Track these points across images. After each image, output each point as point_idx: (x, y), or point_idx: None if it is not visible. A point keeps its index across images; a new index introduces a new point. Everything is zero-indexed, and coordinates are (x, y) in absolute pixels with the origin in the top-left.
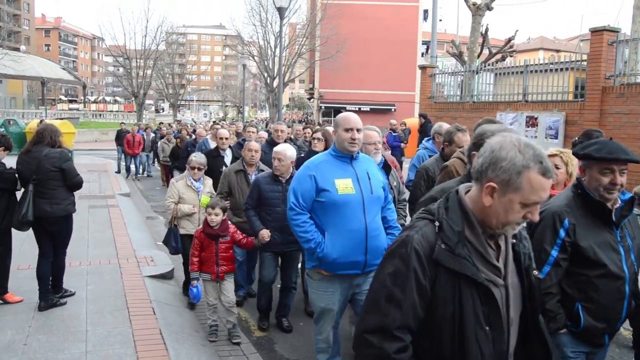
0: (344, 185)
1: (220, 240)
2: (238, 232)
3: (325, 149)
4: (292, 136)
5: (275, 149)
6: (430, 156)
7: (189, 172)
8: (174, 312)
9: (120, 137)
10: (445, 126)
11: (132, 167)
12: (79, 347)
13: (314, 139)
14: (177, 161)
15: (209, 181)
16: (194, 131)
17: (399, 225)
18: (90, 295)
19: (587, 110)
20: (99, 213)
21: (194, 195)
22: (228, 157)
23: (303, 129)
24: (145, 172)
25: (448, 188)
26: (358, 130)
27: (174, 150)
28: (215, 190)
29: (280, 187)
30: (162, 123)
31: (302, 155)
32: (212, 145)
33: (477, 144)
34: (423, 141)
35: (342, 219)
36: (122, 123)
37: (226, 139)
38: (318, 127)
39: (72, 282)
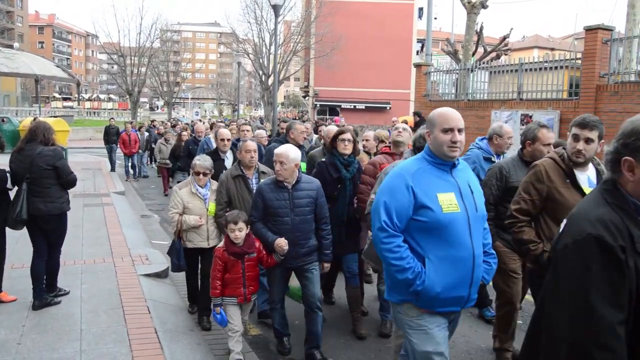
0: (448, 202)
1: (246, 257)
2: (262, 247)
3: (353, 152)
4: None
5: (276, 150)
6: (485, 158)
7: (193, 178)
8: (168, 310)
9: (108, 134)
10: (506, 127)
11: (130, 167)
12: (73, 346)
13: (342, 140)
14: (179, 161)
15: (216, 186)
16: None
17: (494, 252)
18: (85, 294)
19: (582, 109)
20: (94, 211)
21: (200, 204)
22: (229, 159)
23: (318, 126)
24: (142, 173)
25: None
26: (459, 130)
27: (174, 150)
28: None
29: (287, 193)
30: (155, 120)
31: (324, 160)
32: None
33: (629, 145)
34: (476, 140)
35: (447, 244)
36: (112, 119)
37: (228, 140)
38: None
39: (66, 281)
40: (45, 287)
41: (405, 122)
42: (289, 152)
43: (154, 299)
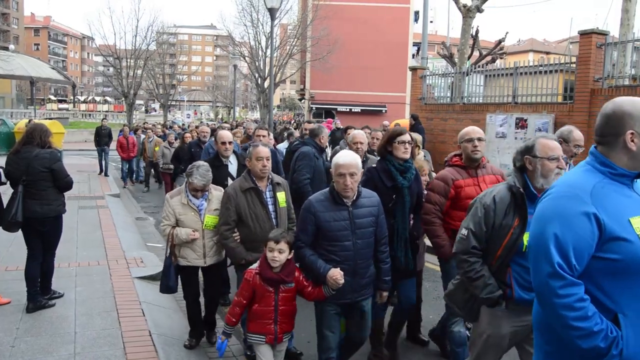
0: None
1: (281, 287)
2: (303, 275)
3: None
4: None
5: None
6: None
7: (186, 188)
8: (163, 313)
9: (100, 135)
10: (576, 133)
11: (127, 172)
12: (67, 349)
13: (402, 142)
14: (181, 164)
15: (216, 194)
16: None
17: None
18: (79, 297)
19: (576, 112)
20: (88, 214)
21: (194, 216)
22: (233, 165)
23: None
24: (139, 177)
25: None
26: None
27: (177, 152)
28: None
29: (346, 212)
30: (147, 123)
31: (374, 165)
32: None
33: None
34: None
35: None
36: (104, 119)
37: (229, 143)
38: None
39: (60, 283)
40: (40, 289)
41: (398, 125)
42: (358, 161)
43: (148, 301)
